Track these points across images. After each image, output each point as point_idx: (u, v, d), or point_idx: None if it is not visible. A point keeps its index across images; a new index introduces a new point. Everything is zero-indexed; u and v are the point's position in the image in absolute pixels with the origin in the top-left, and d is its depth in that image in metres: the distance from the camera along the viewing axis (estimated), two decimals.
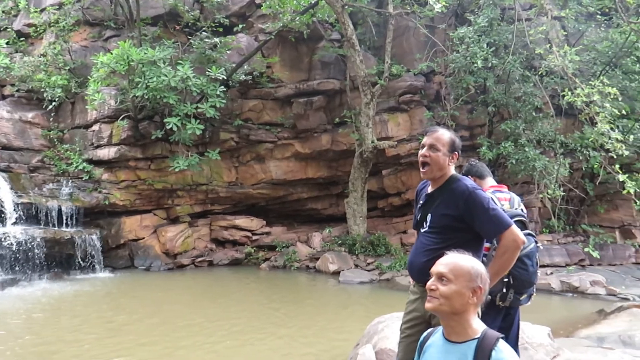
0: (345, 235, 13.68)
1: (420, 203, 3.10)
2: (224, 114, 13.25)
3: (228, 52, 13.29)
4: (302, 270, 12.81)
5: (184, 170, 12.37)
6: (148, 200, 13.35)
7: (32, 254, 10.61)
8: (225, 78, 12.30)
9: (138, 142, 12.64)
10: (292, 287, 11.21)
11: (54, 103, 13.20)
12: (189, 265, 12.92)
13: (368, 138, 12.90)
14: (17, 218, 11.00)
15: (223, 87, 12.16)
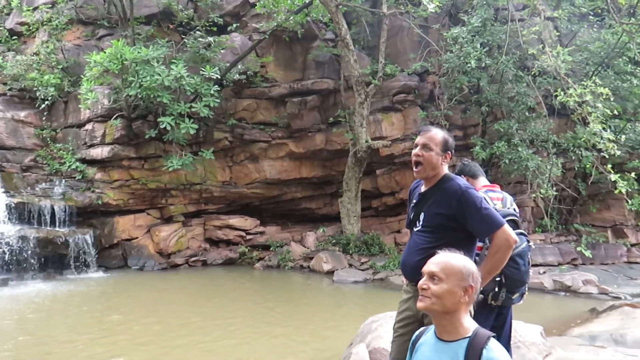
0: (339, 235, 13.70)
1: (413, 202, 3.11)
2: (218, 114, 13.22)
3: (222, 51, 13.27)
4: (296, 270, 12.81)
5: (178, 170, 12.33)
6: (141, 200, 13.30)
7: (25, 254, 10.56)
8: (219, 77, 12.27)
9: (131, 141, 12.59)
10: (286, 286, 11.20)
11: (47, 102, 13.11)
12: (183, 265, 12.88)
13: (362, 138, 12.92)
14: (9, 218, 10.92)
15: (217, 86, 12.13)
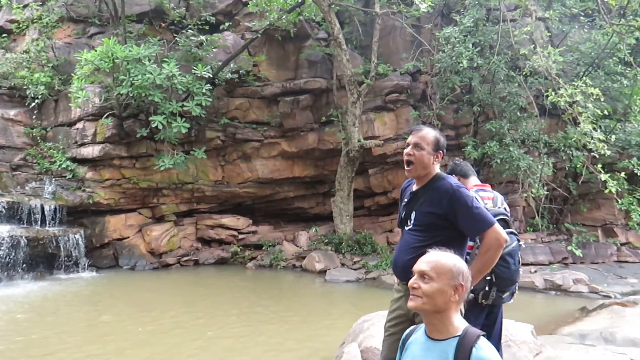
0: (332, 234, 13.70)
1: (405, 201, 3.12)
2: (210, 113, 13.17)
3: (214, 50, 13.20)
4: (288, 269, 12.79)
5: (170, 169, 12.27)
6: (133, 199, 13.21)
7: (14, 254, 10.44)
8: (211, 76, 12.22)
9: (123, 140, 12.51)
10: (278, 286, 11.19)
11: (37, 100, 12.98)
12: (175, 265, 12.82)
13: (354, 137, 12.92)
14: None
15: (209, 85, 12.08)
